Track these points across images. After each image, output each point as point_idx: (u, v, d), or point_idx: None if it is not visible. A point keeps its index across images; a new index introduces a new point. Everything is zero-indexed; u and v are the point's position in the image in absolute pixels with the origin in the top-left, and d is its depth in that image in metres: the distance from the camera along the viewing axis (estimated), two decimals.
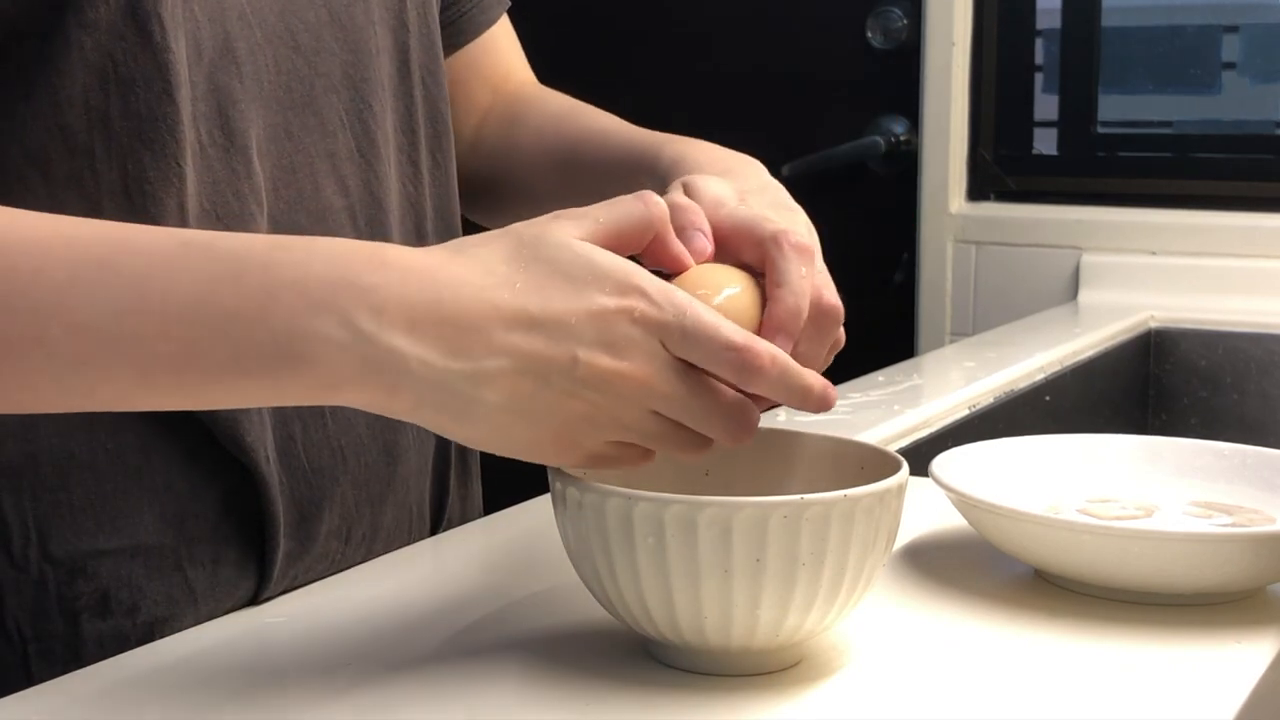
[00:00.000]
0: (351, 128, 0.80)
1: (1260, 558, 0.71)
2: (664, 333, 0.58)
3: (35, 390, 0.59)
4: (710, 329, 0.59)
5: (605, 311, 0.58)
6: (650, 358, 0.58)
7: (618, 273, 0.59)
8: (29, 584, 0.71)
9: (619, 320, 0.58)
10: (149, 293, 0.57)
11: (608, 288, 0.58)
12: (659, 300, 0.59)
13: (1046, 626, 0.70)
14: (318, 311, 0.57)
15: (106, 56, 0.68)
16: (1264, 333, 1.74)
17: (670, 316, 0.58)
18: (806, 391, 0.61)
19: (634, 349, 0.58)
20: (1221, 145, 2.12)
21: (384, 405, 0.59)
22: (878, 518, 0.60)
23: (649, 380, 0.59)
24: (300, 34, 0.76)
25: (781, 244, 0.64)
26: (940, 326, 2.04)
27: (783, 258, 0.64)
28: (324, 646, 0.68)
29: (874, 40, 2.11)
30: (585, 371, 0.58)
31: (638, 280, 0.59)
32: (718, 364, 0.59)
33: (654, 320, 0.58)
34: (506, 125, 0.99)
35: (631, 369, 0.58)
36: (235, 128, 0.72)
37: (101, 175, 0.68)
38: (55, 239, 0.58)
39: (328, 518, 0.78)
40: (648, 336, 0.58)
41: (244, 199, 0.72)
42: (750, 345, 0.59)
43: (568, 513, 0.62)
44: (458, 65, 0.98)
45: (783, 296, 0.63)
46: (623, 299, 0.58)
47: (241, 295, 0.57)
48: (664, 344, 0.59)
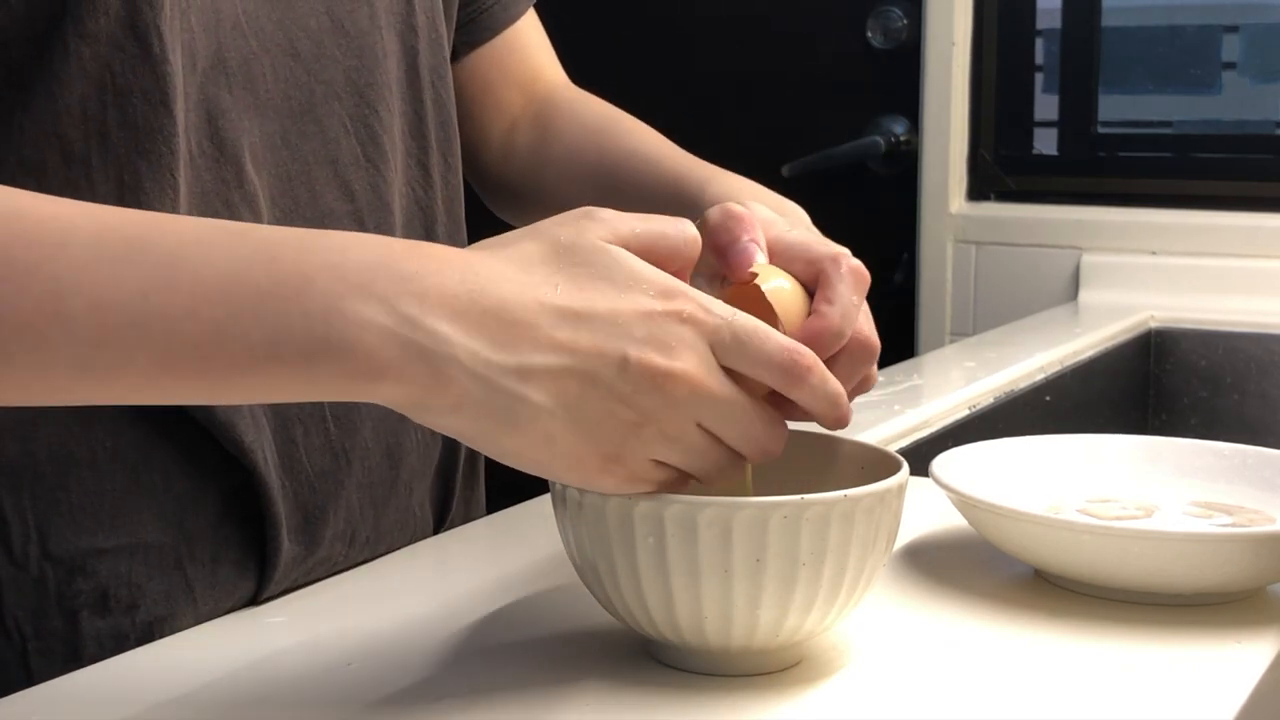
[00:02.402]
0: (356, 133, 0.79)
1: (1260, 558, 0.71)
2: (714, 335, 0.57)
3: (49, 376, 0.55)
4: (761, 332, 0.58)
5: (654, 312, 0.57)
6: (701, 360, 0.57)
7: (659, 277, 0.58)
8: (28, 582, 0.71)
9: (668, 321, 0.57)
10: (179, 271, 0.54)
11: (652, 291, 0.57)
12: (706, 304, 0.58)
13: (1046, 626, 0.70)
14: (358, 295, 0.54)
15: (105, 67, 0.67)
16: (1264, 333, 1.74)
17: (720, 320, 0.58)
18: (838, 400, 0.61)
19: (685, 349, 0.57)
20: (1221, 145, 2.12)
21: (424, 401, 0.56)
22: (878, 518, 0.60)
23: (701, 383, 0.57)
24: (299, 42, 0.76)
25: (840, 264, 0.64)
26: (940, 326, 2.04)
27: (839, 278, 0.63)
28: (324, 646, 0.68)
29: (874, 40, 2.11)
30: (636, 370, 0.56)
31: (680, 286, 0.58)
32: (767, 366, 0.58)
33: (704, 323, 0.57)
34: (539, 135, 0.97)
35: (684, 369, 0.56)
36: (225, 137, 0.72)
37: (97, 185, 0.68)
38: (80, 216, 0.56)
39: (332, 521, 0.78)
40: (698, 338, 0.57)
41: (234, 208, 0.72)
42: (799, 348, 0.59)
43: (568, 513, 0.62)
44: (483, 65, 0.97)
45: (829, 313, 0.63)
46: (669, 302, 0.57)
47: (276, 276, 0.54)
48: (713, 349, 0.58)
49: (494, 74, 0.98)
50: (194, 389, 0.56)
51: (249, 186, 0.73)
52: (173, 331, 0.54)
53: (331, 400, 0.65)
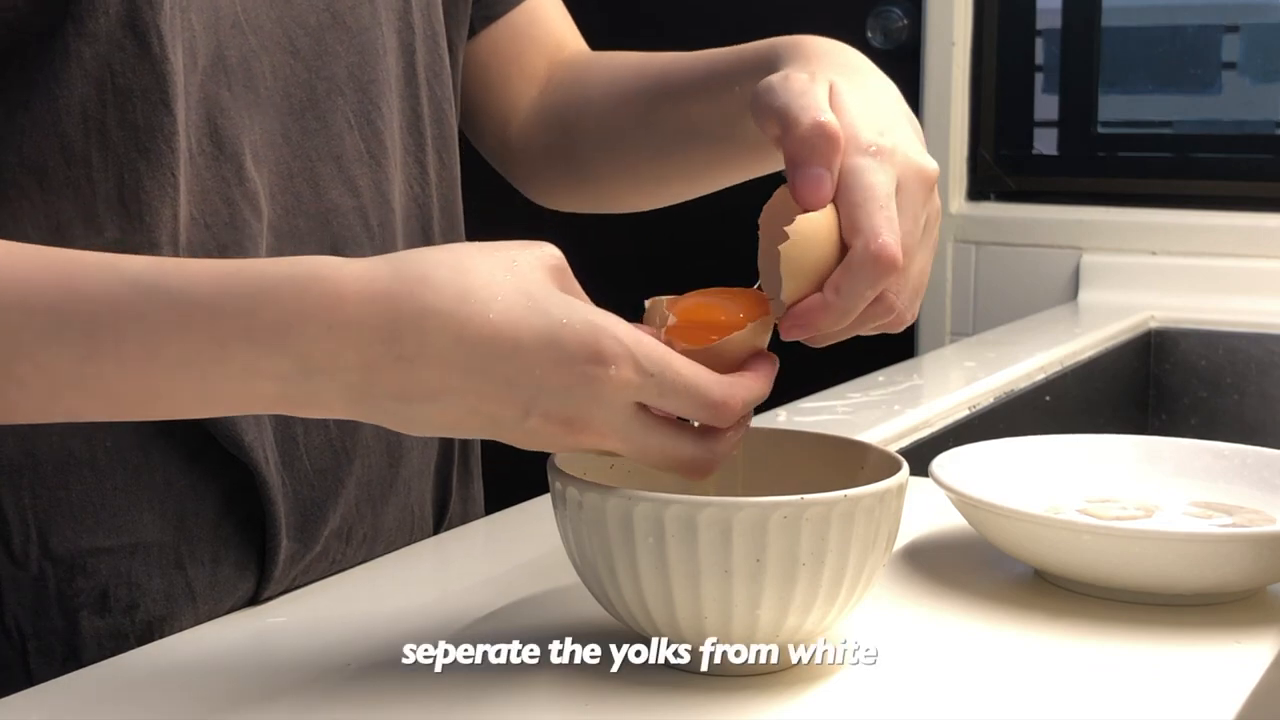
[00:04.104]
0: (359, 129, 0.79)
1: (1260, 558, 0.71)
2: (640, 393, 0.58)
3: (22, 414, 0.60)
4: (686, 390, 0.58)
5: (575, 374, 0.57)
6: (608, 421, 0.58)
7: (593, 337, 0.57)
8: (28, 581, 0.71)
9: (587, 383, 0.57)
10: (101, 341, 0.57)
11: (583, 353, 0.57)
12: (639, 358, 0.57)
13: (1046, 626, 0.70)
14: (269, 361, 0.57)
15: (105, 67, 0.68)
16: (1264, 333, 1.74)
17: (645, 379, 0.58)
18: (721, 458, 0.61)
19: (597, 411, 0.58)
20: (1221, 145, 2.12)
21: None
22: (878, 518, 0.60)
23: (604, 442, 0.59)
24: (299, 39, 0.76)
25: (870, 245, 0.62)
26: (940, 326, 2.04)
27: (859, 265, 0.62)
28: (324, 646, 0.68)
29: (874, 40, 2.11)
30: (538, 424, 0.58)
31: (614, 345, 0.57)
32: (695, 417, 0.60)
33: (629, 382, 0.57)
34: (574, 82, 0.96)
35: (586, 435, 0.58)
36: (224, 135, 0.72)
37: (98, 184, 0.68)
38: (9, 284, 0.58)
39: (331, 519, 0.78)
40: (618, 394, 0.57)
41: (235, 206, 0.72)
42: (722, 406, 0.59)
43: (568, 513, 0.62)
44: (505, 36, 0.96)
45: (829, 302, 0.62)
46: (596, 366, 0.57)
47: (190, 345, 0.57)
48: (639, 401, 0.58)
49: (519, 44, 0.97)
50: (152, 418, 0.63)
51: (249, 184, 0.73)
52: (113, 389, 0.58)
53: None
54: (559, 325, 0.57)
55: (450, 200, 0.88)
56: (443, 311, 0.56)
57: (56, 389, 0.58)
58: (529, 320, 0.57)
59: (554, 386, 0.57)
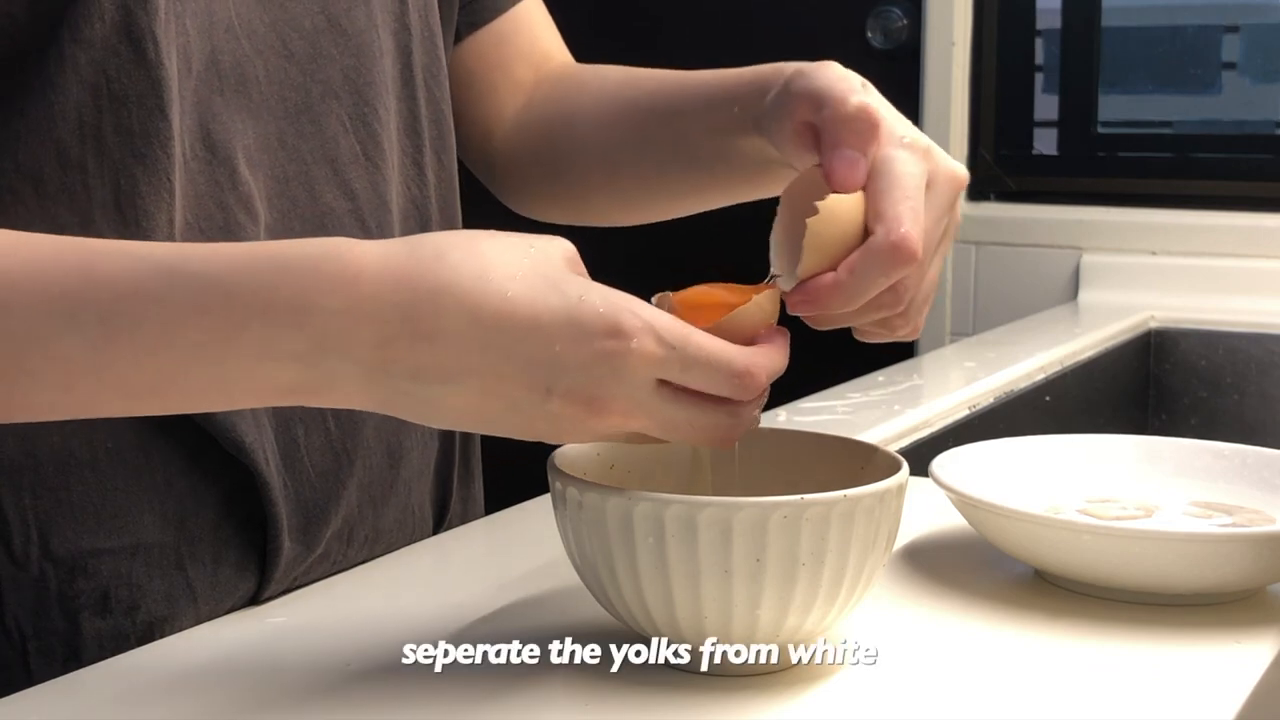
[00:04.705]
0: (355, 132, 0.79)
1: (1260, 558, 0.71)
2: (662, 368, 0.57)
3: (33, 408, 0.60)
4: (707, 362, 0.58)
5: (595, 350, 0.57)
6: (630, 396, 0.58)
7: (612, 312, 0.57)
8: (29, 582, 0.71)
9: (607, 359, 0.57)
10: (117, 327, 0.57)
11: (599, 328, 0.57)
12: (659, 331, 0.57)
13: (1046, 626, 0.70)
14: (287, 340, 0.57)
15: (101, 73, 0.68)
16: (1264, 333, 1.74)
17: (668, 351, 0.57)
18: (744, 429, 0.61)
19: (617, 388, 0.57)
20: (1221, 145, 2.12)
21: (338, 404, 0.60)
22: (878, 518, 0.60)
23: (627, 421, 0.59)
24: (294, 42, 0.76)
25: (889, 233, 0.62)
26: (940, 326, 2.04)
27: (875, 253, 0.62)
28: (324, 646, 0.68)
29: (874, 40, 2.11)
30: (560, 405, 0.57)
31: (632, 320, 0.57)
32: (718, 389, 0.59)
33: (651, 354, 0.57)
34: (561, 95, 0.95)
35: (608, 414, 0.58)
36: (218, 140, 0.72)
37: (94, 190, 0.68)
38: (22, 275, 0.58)
39: (333, 521, 0.78)
40: (641, 368, 0.57)
41: (230, 210, 0.72)
42: (747, 373, 0.58)
43: (568, 513, 0.62)
44: (489, 43, 0.96)
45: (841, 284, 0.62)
46: (616, 340, 0.57)
47: (207, 326, 0.57)
48: (661, 377, 0.58)
49: (504, 51, 0.96)
50: (166, 411, 0.62)
51: (244, 188, 0.73)
52: (128, 377, 0.58)
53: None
54: (577, 302, 0.57)
55: (449, 202, 0.88)
56: (460, 289, 0.56)
57: (69, 379, 0.58)
58: (547, 299, 0.57)
59: (574, 364, 0.56)
